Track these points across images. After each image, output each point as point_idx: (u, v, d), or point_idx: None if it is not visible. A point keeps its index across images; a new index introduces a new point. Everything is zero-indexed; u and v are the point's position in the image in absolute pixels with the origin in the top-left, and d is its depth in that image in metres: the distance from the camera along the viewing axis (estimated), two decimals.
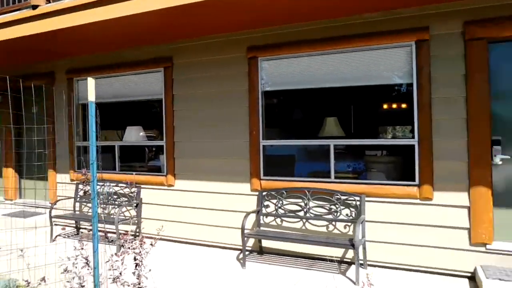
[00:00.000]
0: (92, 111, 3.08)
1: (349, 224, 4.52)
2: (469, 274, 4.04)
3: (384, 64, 4.53)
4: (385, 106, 5.53)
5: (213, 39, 5.38)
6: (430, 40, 4.22)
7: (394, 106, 5.31)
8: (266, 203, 4.97)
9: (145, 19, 4.59)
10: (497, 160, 3.98)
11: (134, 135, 6.49)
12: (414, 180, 4.28)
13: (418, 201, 4.24)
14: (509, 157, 3.98)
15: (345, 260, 4.59)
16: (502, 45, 4.02)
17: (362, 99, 5.67)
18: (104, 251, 3.31)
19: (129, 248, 3.18)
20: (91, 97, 3.10)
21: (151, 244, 3.22)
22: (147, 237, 3.28)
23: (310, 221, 4.73)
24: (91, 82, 3.11)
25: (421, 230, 4.22)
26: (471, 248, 4.02)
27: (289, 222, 4.87)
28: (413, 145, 4.29)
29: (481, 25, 3.99)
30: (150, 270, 3.16)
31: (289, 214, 4.83)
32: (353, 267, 4.30)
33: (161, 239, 5.58)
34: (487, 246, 3.96)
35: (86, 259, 3.17)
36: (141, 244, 3.21)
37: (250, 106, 5.12)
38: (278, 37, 4.97)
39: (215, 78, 5.39)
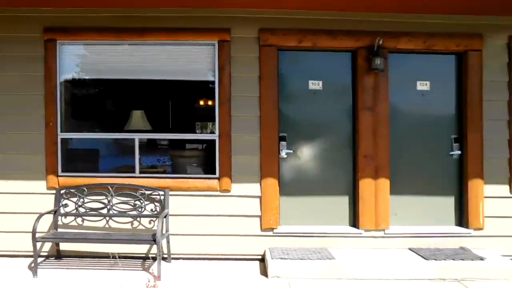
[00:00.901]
0: None
1: (154, 219, 4.48)
2: (260, 257, 4.49)
3: (191, 60, 4.65)
4: (194, 102, 5.68)
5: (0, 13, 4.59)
6: (231, 41, 4.49)
7: (202, 102, 5.51)
8: (64, 202, 4.52)
9: None
10: (283, 154, 4.53)
11: None
12: (215, 174, 4.52)
13: (218, 193, 4.49)
14: (292, 151, 4.58)
15: (150, 255, 4.53)
16: (289, 53, 4.58)
17: (172, 93, 5.71)
18: None
19: None
20: None
21: None
22: None
23: (114, 218, 4.51)
24: None
25: (221, 220, 4.48)
26: (262, 233, 4.48)
27: (92, 221, 4.54)
28: (215, 140, 4.53)
29: (272, 33, 4.45)
30: None
31: (91, 212, 4.51)
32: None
33: None
34: (274, 230, 4.47)
35: None
36: None
37: (47, 94, 4.55)
38: (82, 20, 4.54)
39: (3, 59, 4.61)
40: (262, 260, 4.45)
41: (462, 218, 4.64)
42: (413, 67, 4.66)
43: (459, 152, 4.63)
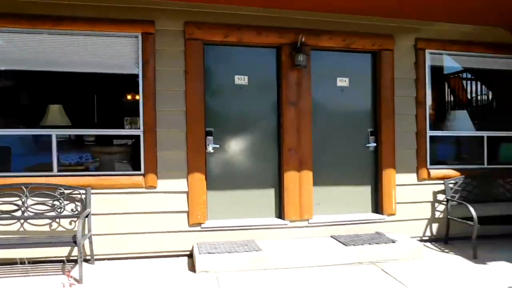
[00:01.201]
0: None
1: (75, 219, 4.25)
2: (188, 252, 4.47)
3: (114, 52, 4.45)
4: (121, 96, 5.47)
5: None
6: (156, 34, 4.38)
7: (129, 96, 5.32)
8: None
9: None
10: (210, 148, 4.54)
11: None
12: (140, 170, 4.39)
13: (144, 190, 4.37)
14: (219, 146, 4.60)
15: (71, 258, 4.30)
16: (214, 47, 4.58)
17: (98, 87, 5.44)
18: None
19: None
20: None
21: None
22: None
23: (29, 221, 4.20)
24: None
25: (148, 217, 4.37)
26: (190, 228, 4.45)
27: (4, 225, 4.19)
28: (139, 136, 4.40)
29: (198, 27, 4.42)
30: None
31: (2, 216, 4.16)
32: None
33: None
34: (202, 225, 4.47)
35: None
36: None
37: None
38: None
39: None
40: (191, 255, 4.44)
41: (377, 205, 5.01)
42: (334, 64, 4.91)
43: (375, 144, 4.98)
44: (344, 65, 4.93)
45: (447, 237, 5.01)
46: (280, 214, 4.75)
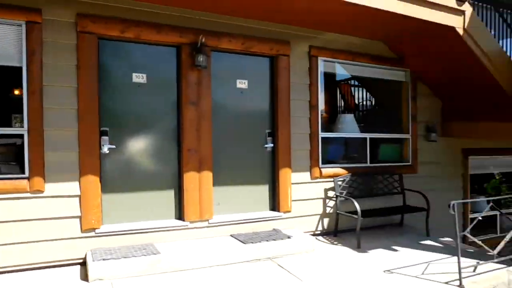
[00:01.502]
0: None
1: None
2: (82, 260, 4.17)
3: None
4: (8, 91, 4.86)
5: None
6: (43, 24, 4.01)
7: (14, 91, 4.75)
8: None
9: None
10: (105, 149, 4.29)
11: None
12: (24, 173, 3.98)
13: (29, 194, 3.97)
14: (115, 146, 4.38)
15: None
16: (111, 43, 4.35)
17: None
18: None
19: None
20: None
21: None
22: None
23: None
24: None
25: (34, 225, 3.97)
26: (83, 235, 4.17)
27: None
28: (23, 135, 3.99)
29: (92, 20, 4.16)
30: None
31: None
32: None
33: None
34: (97, 231, 4.22)
35: None
36: None
37: None
38: None
39: None
40: (84, 263, 4.15)
41: (275, 203, 5.26)
42: (234, 66, 5.02)
43: (272, 145, 5.21)
44: (243, 68, 5.07)
45: (336, 230, 5.47)
46: (180, 215, 4.70)
